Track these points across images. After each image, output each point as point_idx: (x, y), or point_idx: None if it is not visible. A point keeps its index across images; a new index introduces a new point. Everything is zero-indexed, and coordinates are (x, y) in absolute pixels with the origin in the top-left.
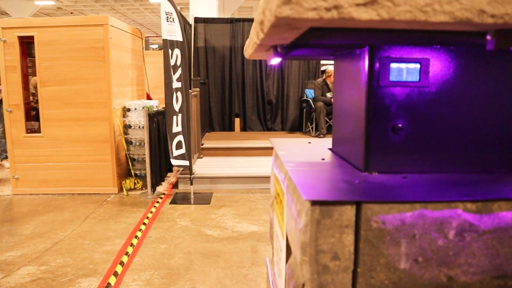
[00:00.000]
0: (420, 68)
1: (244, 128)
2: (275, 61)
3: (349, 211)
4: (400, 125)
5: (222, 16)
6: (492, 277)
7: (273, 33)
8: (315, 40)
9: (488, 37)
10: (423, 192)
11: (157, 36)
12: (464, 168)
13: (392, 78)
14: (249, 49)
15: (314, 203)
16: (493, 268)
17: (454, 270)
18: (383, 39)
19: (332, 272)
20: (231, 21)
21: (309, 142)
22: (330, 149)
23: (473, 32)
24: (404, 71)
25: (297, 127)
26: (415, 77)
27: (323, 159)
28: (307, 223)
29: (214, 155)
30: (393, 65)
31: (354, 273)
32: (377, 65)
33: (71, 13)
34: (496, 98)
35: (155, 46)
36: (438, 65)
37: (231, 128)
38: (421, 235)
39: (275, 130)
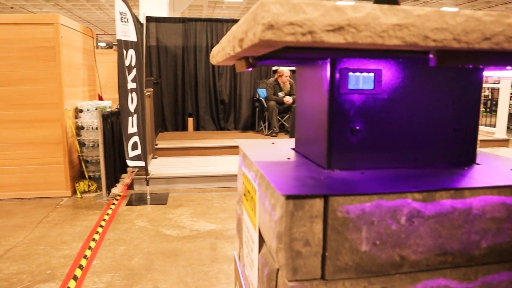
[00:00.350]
0: (374, 78)
1: (197, 127)
2: (243, 69)
3: (318, 203)
4: (357, 127)
5: (172, 14)
6: (435, 254)
7: (251, 49)
8: (287, 55)
9: (431, 56)
10: (379, 185)
11: (105, 34)
12: (412, 164)
13: (351, 86)
14: (219, 58)
15: (288, 197)
16: (436, 247)
17: (405, 250)
18: (344, 54)
19: (304, 256)
20: (183, 20)
21: (273, 143)
22: (293, 149)
23: (419, 51)
24: (360, 80)
25: (249, 126)
26: (370, 86)
27: (288, 158)
28: (282, 215)
29: (169, 155)
30: (351, 75)
31: (323, 257)
32: (337, 75)
33: (11, 8)
34: (437, 103)
35: (103, 44)
36: (389, 75)
37: (184, 128)
38: (378, 222)
39: (228, 129)
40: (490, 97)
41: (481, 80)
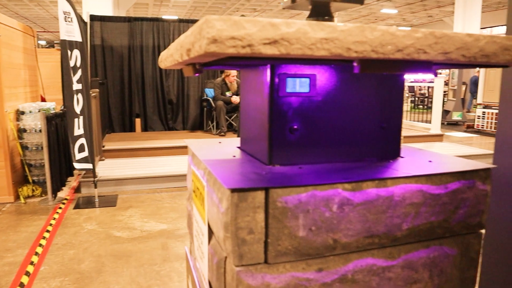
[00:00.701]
0: (310, 82)
1: (145, 128)
2: (191, 74)
3: (260, 195)
4: (295, 126)
5: (117, 12)
6: (364, 237)
7: (198, 58)
8: (230, 62)
9: (355, 64)
10: (313, 178)
11: (45, 31)
12: (344, 158)
13: (288, 89)
14: (167, 63)
15: (233, 190)
16: (364, 231)
17: (337, 234)
18: (283, 61)
19: (249, 243)
20: (129, 20)
21: (220, 142)
22: (238, 147)
23: (346, 60)
24: (297, 84)
25: (198, 126)
26: (306, 89)
27: (234, 156)
28: (228, 206)
29: (117, 157)
30: (289, 80)
31: (266, 243)
32: (276, 79)
33: None
34: (366, 104)
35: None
36: (323, 79)
37: (132, 128)
38: (313, 210)
39: (176, 130)
40: (427, 95)
41: (403, 84)
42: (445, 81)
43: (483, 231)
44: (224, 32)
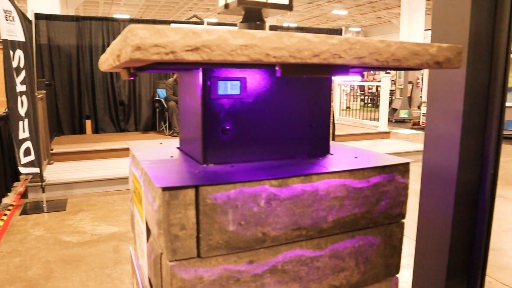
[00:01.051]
0: (240, 84)
1: (96, 130)
2: (126, 77)
3: (190, 193)
4: (227, 127)
5: (65, 10)
6: (291, 230)
7: (128, 63)
8: (162, 66)
9: (277, 68)
10: (242, 175)
11: None
12: (276, 157)
13: (220, 92)
14: (105, 66)
15: (164, 189)
16: (292, 223)
17: (266, 227)
18: (214, 65)
19: (181, 239)
20: (77, 19)
21: (161, 143)
22: (178, 148)
23: (269, 64)
24: (228, 86)
25: (151, 127)
26: (237, 91)
27: (172, 156)
28: (160, 204)
29: (66, 160)
30: (220, 83)
31: (198, 238)
32: (208, 82)
33: None
34: (295, 105)
35: None
36: (254, 82)
37: (82, 130)
38: (242, 205)
39: (129, 131)
40: (376, 94)
41: (330, 86)
42: (392, 80)
43: (404, 220)
44: (148, 40)
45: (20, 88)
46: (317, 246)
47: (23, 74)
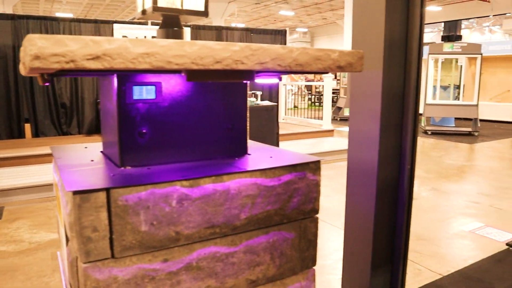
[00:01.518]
0: (156, 89)
1: (36, 134)
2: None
3: (102, 196)
4: (144, 131)
5: (2, 8)
6: (205, 228)
7: (32, 71)
8: (73, 73)
9: (183, 74)
10: (155, 177)
11: None
12: (193, 158)
13: (135, 97)
14: (22, 71)
15: (75, 192)
16: (205, 222)
17: (179, 226)
18: (128, 71)
19: (94, 241)
20: (12, 17)
21: (86, 147)
22: (101, 151)
23: (176, 70)
24: (144, 91)
25: (94, 130)
26: (152, 95)
27: (92, 160)
28: (72, 208)
29: (3, 166)
30: (135, 87)
31: (111, 239)
32: (123, 87)
33: None
34: (212, 108)
35: None
36: (169, 87)
37: (21, 134)
38: (153, 206)
39: (71, 134)
40: (322, 93)
41: (246, 89)
42: (338, 80)
43: (318, 215)
44: (46, 50)
45: None
46: (232, 243)
47: None
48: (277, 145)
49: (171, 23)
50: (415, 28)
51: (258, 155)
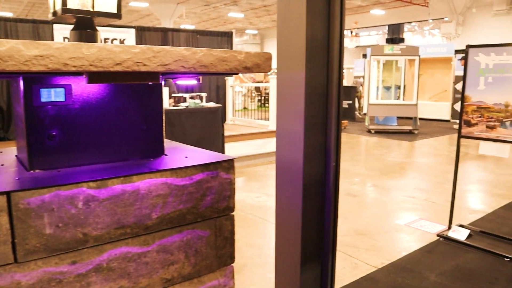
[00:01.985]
0: (65, 91)
1: None
2: None
3: (2, 199)
4: (53, 133)
5: None
6: (115, 228)
7: None
8: None
9: (84, 76)
10: (61, 179)
11: None
12: (106, 160)
13: (43, 99)
14: None
15: None
16: (114, 223)
17: (86, 228)
18: (35, 73)
19: None
20: None
21: (1, 152)
22: (16, 155)
23: (77, 72)
24: (52, 94)
25: None
26: (61, 98)
27: (3, 164)
28: None
29: None
30: (43, 90)
31: (13, 243)
32: (30, 90)
33: None
34: (125, 109)
35: None
36: (80, 89)
37: None
38: (58, 208)
39: (9, 139)
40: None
41: (161, 91)
42: None
43: (233, 213)
44: None
45: None
46: (144, 243)
47: None
48: (223, 146)
49: (84, 25)
50: (335, 30)
51: (174, 155)
